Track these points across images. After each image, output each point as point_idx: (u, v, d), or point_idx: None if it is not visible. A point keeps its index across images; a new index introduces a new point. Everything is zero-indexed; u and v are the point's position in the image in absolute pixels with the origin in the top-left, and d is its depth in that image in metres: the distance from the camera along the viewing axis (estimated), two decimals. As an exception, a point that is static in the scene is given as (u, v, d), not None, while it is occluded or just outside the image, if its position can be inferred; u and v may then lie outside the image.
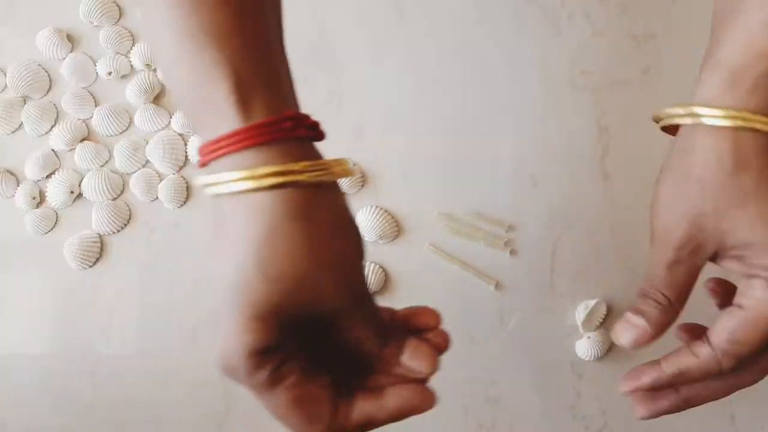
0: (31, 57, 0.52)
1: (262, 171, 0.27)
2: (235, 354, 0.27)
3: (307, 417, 0.29)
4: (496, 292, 0.49)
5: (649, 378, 0.35)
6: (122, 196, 0.50)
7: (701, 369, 0.33)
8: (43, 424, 0.47)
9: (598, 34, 0.54)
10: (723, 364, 0.33)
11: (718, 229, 0.32)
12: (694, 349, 0.33)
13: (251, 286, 0.27)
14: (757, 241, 0.31)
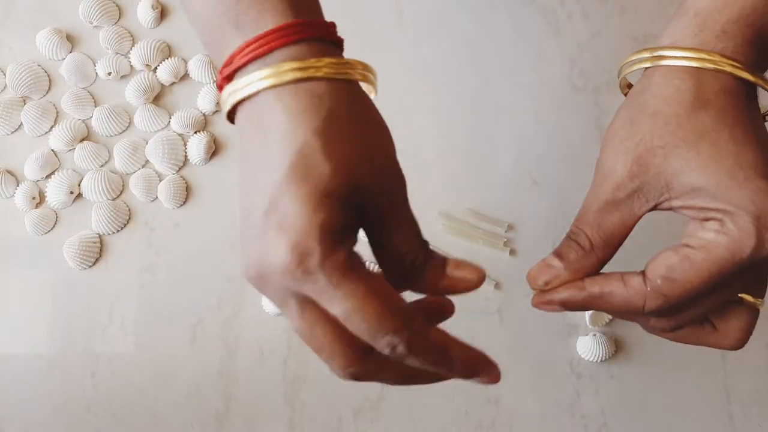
0: (31, 57, 0.52)
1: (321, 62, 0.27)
2: (309, 236, 0.25)
3: (385, 306, 0.25)
4: (496, 291, 0.49)
5: (566, 294, 0.31)
6: (122, 196, 0.50)
7: (625, 299, 0.30)
8: (42, 423, 0.47)
9: (597, 35, 0.54)
10: (648, 302, 0.29)
11: (665, 169, 0.29)
12: (626, 277, 0.30)
13: (318, 166, 0.26)
14: (708, 185, 0.28)
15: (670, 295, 0.29)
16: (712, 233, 0.28)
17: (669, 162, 0.29)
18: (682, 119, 0.29)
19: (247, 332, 0.48)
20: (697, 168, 0.29)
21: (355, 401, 0.48)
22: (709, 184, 0.28)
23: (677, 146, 0.29)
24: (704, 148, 0.29)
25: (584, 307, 0.31)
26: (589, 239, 0.31)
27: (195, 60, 0.52)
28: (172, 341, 0.48)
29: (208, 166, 0.51)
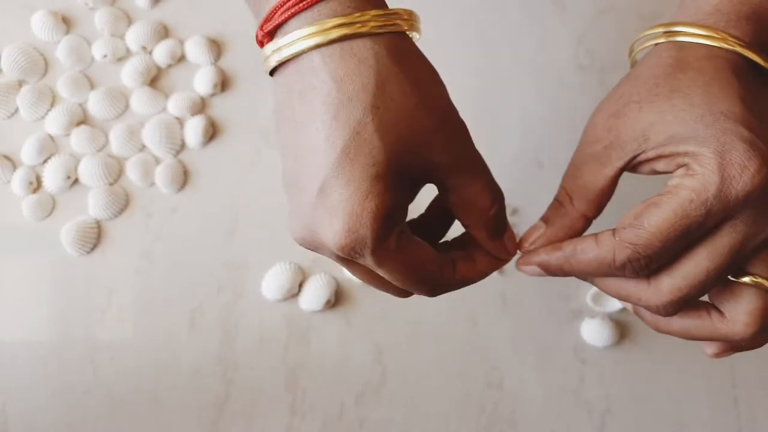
0: (26, 40, 0.51)
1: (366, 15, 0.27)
2: (360, 223, 0.26)
3: (418, 278, 0.29)
4: (499, 275, 0.49)
5: (543, 255, 0.31)
6: (119, 181, 0.50)
7: (596, 255, 0.29)
8: (42, 409, 0.47)
9: (604, 13, 0.53)
10: (616, 254, 0.28)
11: (640, 120, 0.29)
12: (598, 235, 0.30)
13: (370, 147, 0.26)
14: (678, 131, 0.28)
15: (637, 243, 0.28)
16: (678, 178, 0.28)
17: (643, 114, 0.29)
18: (659, 78, 0.30)
19: (246, 318, 0.48)
20: (670, 116, 0.29)
21: (357, 386, 0.48)
22: (680, 129, 0.28)
23: (652, 101, 0.30)
24: (677, 101, 0.29)
25: (562, 270, 0.31)
26: (567, 194, 0.31)
27: (192, 41, 0.51)
28: (171, 327, 0.48)
29: (206, 149, 0.50)
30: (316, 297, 0.48)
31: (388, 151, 0.26)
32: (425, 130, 0.27)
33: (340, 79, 0.26)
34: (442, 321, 0.48)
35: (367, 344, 0.48)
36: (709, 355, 0.34)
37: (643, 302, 0.30)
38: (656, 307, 0.30)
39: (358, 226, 0.26)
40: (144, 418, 0.47)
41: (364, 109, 0.26)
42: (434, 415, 0.48)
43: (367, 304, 0.48)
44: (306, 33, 0.26)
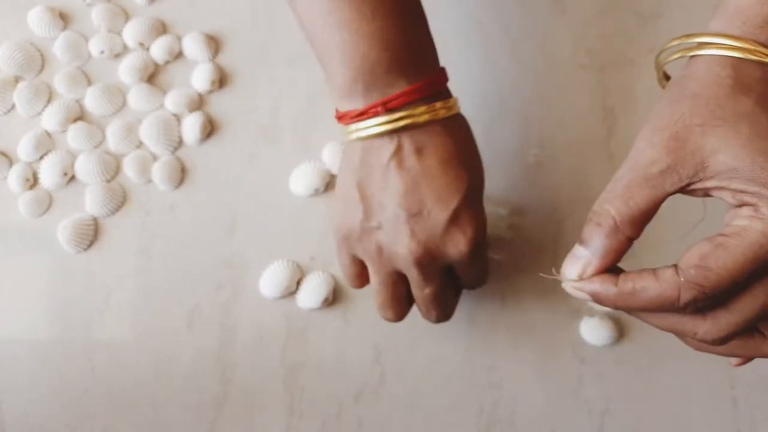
0: (23, 36, 0.51)
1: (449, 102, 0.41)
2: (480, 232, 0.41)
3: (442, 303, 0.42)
4: (498, 274, 0.49)
5: (598, 286, 0.30)
6: (116, 178, 0.50)
7: (658, 293, 0.28)
8: (39, 408, 0.46)
9: (604, 12, 0.53)
10: (682, 294, 0.28)
11: (702, 146, 0.29)
12: (658, 271, 0.29)
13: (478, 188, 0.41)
14: (744, 166, 0.28)
15: (704, 285, 0.28)
16: (745, 219, 0.28)
17: (707, 139, 0.29)
18: (721, 100, 0.29)
19: (245, 317, 0.48)
20: (735, 147, 0.28)
21: (355, 386, 0.47)
22: (745, 164, 0.28)
23: (716, 125, 0.29)
24: (743, 128, 0.28)
25: (615, 306, 0.30)
26: (613, 217, 0.30)
27: (189, 38, 0.51)
28: (170, 325, 0.48)
29: (204, 147, 0.50)
30: (314, 295, 0.47)
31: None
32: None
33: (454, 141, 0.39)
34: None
35: (366, 343, 0.48)
36: (733, 365, 0.35)
37: (699, 336, 0.30)
38: (712, 341, 0.30)
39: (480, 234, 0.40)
40: (142, 417, 0.47)
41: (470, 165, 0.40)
42: (433, 414, 0.47)
43: (366, 303, 0.48)
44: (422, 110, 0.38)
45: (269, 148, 0.50)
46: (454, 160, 0.38)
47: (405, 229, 0.38)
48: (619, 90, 0.51)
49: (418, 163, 0.38)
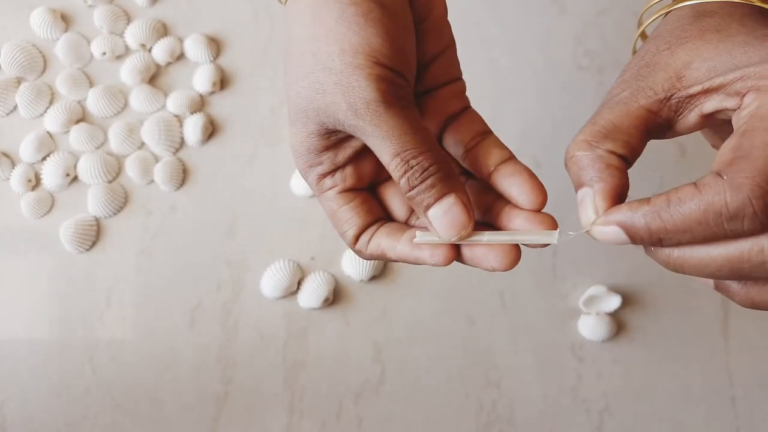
0: (25, 37, 0.51)
1: None
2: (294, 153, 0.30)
3: (338, 228, 0.30)
4: (498, 274, 0.49)
5: (626, 211, 0.24)
6: (118, 178, 0.50)
7: (700, 203, 0.22)
8: (42, 406, 0.47)
9: (603, 13, 0.53)
10: (729, 196, 0.22)
11: (672, 62, 0.26)
12: (699, 181, 0.23)
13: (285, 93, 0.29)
14: (722, 60, 0.25)
15: (755, 175, 0.22)
16: (754, 101, 0.24)
17: (676, 56, 0.26)
18: (685, 25, 0.27)
19: (246, 316, 0.48)
20: (707, 51, 0.26)
21: (356, 384, 0.48)
22: (722, 58, 0.25)
23: (683, 42, 0.27)
24: (711, 36, 0.26)
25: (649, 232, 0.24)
26: (584, 140, 0.27)
27: (191, 39, 0.51)
28: (171, 325, 0.48)
29: (205, 147, 0.50)
30: (314, 295, 0.48)
31: (292, 101, 0.28)
32: (317, 90, 0.27)
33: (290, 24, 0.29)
34: (440, 320, 0.48)
35: (366, 343, 0.48)
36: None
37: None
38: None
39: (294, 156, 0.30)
40: (143, 416, 0.47)
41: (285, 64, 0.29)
42: (433, 413, 0.48)
43: (366, 303, 0.48)
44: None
45: (270, 148, 0.50)
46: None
47: None
48: (618, 90, 0.52)
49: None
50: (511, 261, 0.27)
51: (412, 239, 0.28)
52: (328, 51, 0.27)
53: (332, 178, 0.30)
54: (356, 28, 0.27)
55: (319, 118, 0.28)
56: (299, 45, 0.28)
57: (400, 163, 0.26)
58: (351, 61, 0.26)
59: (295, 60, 0.28)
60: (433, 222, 0.27)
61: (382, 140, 0.26)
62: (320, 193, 0.30)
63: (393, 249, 0.29)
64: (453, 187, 0.27)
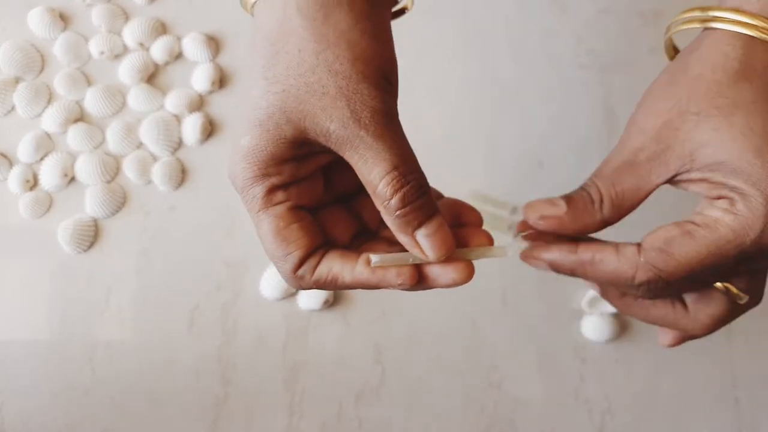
0: (23, 37, 0.51)
1: None
2: (233, 160, 0.27)
3: (280, 251, 0.27)
4: (499, 275, 0.48)
5: (557, 254, 0.30)
6: (116, 178, 0.49)
7: (615, 268, 0.28)
8: (41, 408, 0.46)
9: (604, 12, 0.52)
10: (638, 274, 0.28)
11: (693, 137, 0.28)
12: (620, 246, 0.29)
13: (255, 88, 0.26)
14: (730, 159, 0.27)
15: (663, 270, 0.27)
16: (719, 211, 0.27)
17: (699, 129, 0.28)
18: (722, 87, 0.28)
19: (245, 317, 0.48)
20: (726, 140, 0.27)
21: (356, 386, 0.47)
22: (732, 158, 0.27)
23: (711, 115, 0.27)
24: (737, 119, 0.27)
25: (572, 273, 0.30)
26: (600, 194, 0.30)
27: (189, 38, 0.51)
28: (170, 326, 0.48)
29: (204, 147, 0.50)
30: (314, 296, 0.47)
31: (268, 99, 0.26)
32: (316, 91, 0.25)
33: (256, 27, 0.27)
34: (441, 321, 0.48)
35: (366, 344, 0.48)
36: (662, 344, 0.34)
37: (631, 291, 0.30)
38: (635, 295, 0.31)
39: (231, 163, 0.27)
40: (143, 418, 0.47)
41: (258, 55, 0.26)
42: (434, 415, 0.47)
43: (366, 304, 0.48)
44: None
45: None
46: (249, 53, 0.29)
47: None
48: (619, 90, 0.51)
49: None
50: (469, 274, 0.28)
51: (368, 262, 0.27)
52: (336, 54, 0.25)
53: (285, 192, 0.27)
54: (369, 39, 0.26)
55: (303, 124, 0.26)
56: (293, 39, 0.26)
57: (398, 177, 0.26)
58: (362, 70, 0.25)
59: (284, 55, 0.26)
60: (423, 241, 0.27)
61: (380, 153, 0.25)
62: (265, 207, 0.27)
63: (350, 272, 0.27)
64: (437, 209, 0.27)
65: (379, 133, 0.25)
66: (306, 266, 0.27)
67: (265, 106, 0.26)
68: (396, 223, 0.26)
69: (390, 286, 0.27)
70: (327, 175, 0.29)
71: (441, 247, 0.27)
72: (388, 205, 0.26)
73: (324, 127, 0.25)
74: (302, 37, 0.26)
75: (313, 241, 0.27)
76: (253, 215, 0.28)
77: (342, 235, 0.29)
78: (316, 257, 0.27)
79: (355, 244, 0.29)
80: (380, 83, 0.26)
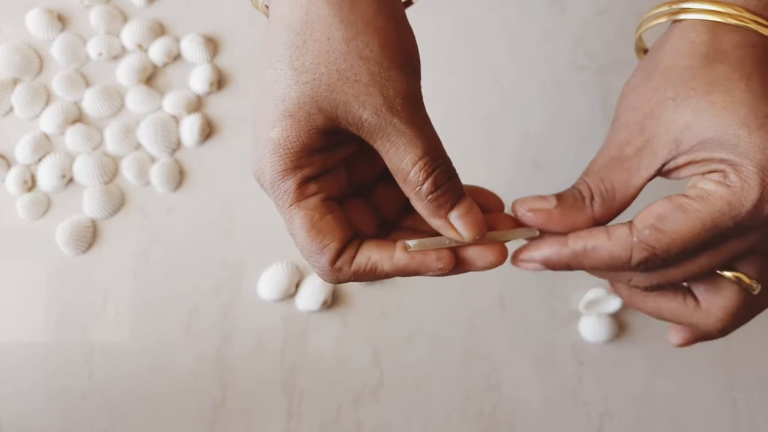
0: (21, 38, 0.51)
1: None
2: (263, 154, 0.26)
3: (311, 243, 0.27)
4: (498, 275, 0.48)
5: (548, 250, 0.29)
6: (115, 179, 0.49)
7: (609, 253, 0.27)
8: (38, 411, 0.46)
9: (602, 13, 0.52)
10: (633, 254, 0.27)
11: (675, 121, 0.27)
12: (611, 229, 0.28)
13: (282, 79, 0.25)
14: (716, 134, 0.26)
15: (657, 247, 0.27)
16: (712, 184, 0.27)
17: (680, 113, 0.27)
18: (695, 70, 0.28)
19: (243, 319, 0.48)
20: (708, 118, 0.27)
21: (354, 389, 0.47)
22: (717, 133, 0.26)
23: (688, 96, 0.27)
24: (717, 97, 0.27)
25: (568, 266, 0.29)
26: (590, 190, 0.30)
27: (188, 39, 0.51)
28: (168, 328, 0.47)
29: (202, 149, 0.50)
30: (313, 297, 0.47)
31: (299, 89, 0.25)
32: (348, 79, 0.25)
33: (276, 19, 0.26)
34: (440, 323, 0.48)
35: (365, 346, 0.48)
36: (673, 344, 0.33)
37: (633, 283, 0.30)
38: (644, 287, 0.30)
39: (257, 159, 0.26)
40: (140, 421, 0.47)
41: (283, 46, 0.26)
42: (432, 417, 0.47)
43: (365, 306, 0.48)
44: None
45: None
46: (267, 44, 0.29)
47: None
48: (618, 90, 0.50)
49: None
50: (504, 254, 0.28)
51: (405, 249, 0.27)
52: (366, 41, 0.25)
53: (317, 184, 0.27)
54: (395, 26, 0.26)
55: (334, 112, 0.25)
56: (321, 27, 0.25)
57: (429, 162, 0.26)
58: (391, 55, 0.25)
59: (312, 44, 0.25)
60: (457, 222, 0.27)
61: (412, 139, 0.26)
62: (298, 200, 0.26)
63: (388, 260, 0.27)
64: (465, 191, 0.27)
65: (410, 120, 0.25)
66: (344, 257, 0.27)
67: (296, 96, 0.25)
68: (428, 207, 0.26)
69: (429, 270, 0.27)
70: (349, 167, 0.29)
71: (474, 227, 0.27)
72: (420, 190, 0.26)
73: (357, 115, 0.25)
74: (330, 24, 0.25)
75: (347, 232, 0.27)
76: (284, 210, 0.27)
77: (368, 226, 0.29)
78: (352, 248, 0.27)
79: (380, 235, 0.29)
80: (407, 69, 0.26)
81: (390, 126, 0.25)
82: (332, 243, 0.27)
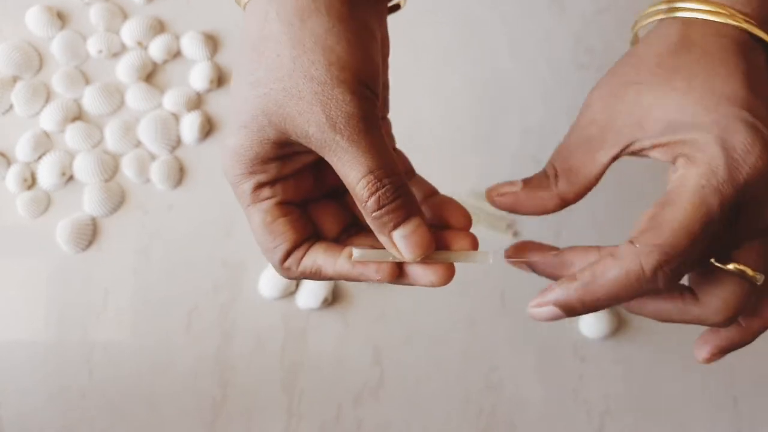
0: (21, 36, 0.51)
1: None
2: (223, 156, 0.28)
3: (268, 243, 0.29)
4: (498, 275, 0.48)
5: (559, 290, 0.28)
6: (115, 177, 0.49)
7: (621, 269, 0.26)
8: (38, 410, 0.46)
9: (603, 11, 0.52)
10: (644, 261, 0.26)
11: (638, 103, 0.28)
12: (614, 249, 0.27)
13: (240, 91, 0.27)
14: (677, 117, 0.27)
15: (662, 243, 0.26)
16: (681, 168, 0.27)
17: (642, 97, 0.28)
18: (662, 57, 0.29)
19: (243, 318, 0.48)
20: (669, 101, 0.27)
21: (355, 388, 0.47)
22: (678, 115, 0.27)
23: (653, 82, 0.28)
24: (678, 82, 0.28)
25: (584, 303, 0.28)
26: (554, 169, 0.30)
27: (187, 37, 0.51)
28: (168, 327, 0.47)
29: (202, 146, 0.50)
30: (313, 295, 0.47)
31: (252, 102, 0.27)
32: (293, 96, 0.26)
33: (244, 31, 0.28)
34: (440, 321, 0.48)
35: (365, 345, 0.48)
36: (700, 360, 0.33)
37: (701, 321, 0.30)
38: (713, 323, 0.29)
39: (222, 159, 0.28)
40: (140, 420, 0.46)
41: (244, 58, 0.27)
42: (433, 416, 0.47)
43: (365, 304, 0.48)
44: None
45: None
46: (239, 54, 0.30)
47: None
48: (619, 89, 0.51)
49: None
50: (448, 276, 0.29)
51: (350, 256, 0.28)
52: (312, 59, 0.26)
53: (271, 189, 0.28)
54: (346, 45, 0.26)
55: (283, 126, 0.26)
56: (272, 44, 0.26)
57: (373, 181, 0.26)
58: (337, 75, 0.26)
59: (264, 59, 0.26)
60: (399, 242, 0.27)
61: (356, 157, 0.26)
62: (253, 203, 0.28)
63: (332, 265, 0.28)
64: (417, 210, 0.27)
65: (354, 138, 0.26)
66: (292, 258, 0.29)
67: (249, 108, 0.27)
68: (373, 224, 0.27)
69: (369, 280, 0.28)
70: (318, 170, 0.30)
71: (417, 248, 0.27)
72: (365, 206, 0.27)
73: (303, 130, 0.26)
74: (280, 42, 0.26)
75: (299, 235, 0.28)
76: (244, 209, 0.29)
77: (331, 228, 0.30)
78: (301, 250, 0.29)
79: (344, 236, 0.30)
80: (357, 89, 0.26)
81: (334, 143, 0.26)
82: (282, 244, 0.28)
